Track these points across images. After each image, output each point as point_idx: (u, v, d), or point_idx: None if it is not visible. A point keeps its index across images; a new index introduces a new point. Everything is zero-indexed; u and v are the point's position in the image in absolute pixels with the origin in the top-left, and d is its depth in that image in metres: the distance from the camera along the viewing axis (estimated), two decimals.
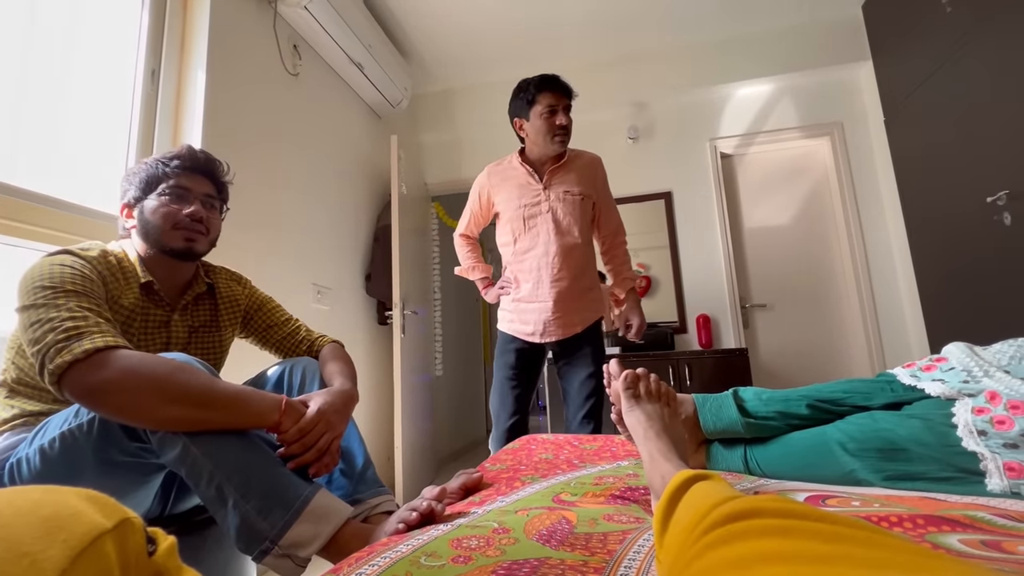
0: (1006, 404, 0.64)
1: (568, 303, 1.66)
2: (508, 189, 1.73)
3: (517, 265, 1.72)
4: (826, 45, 2.92)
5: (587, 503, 0.67)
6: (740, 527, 0.24)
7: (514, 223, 1.71)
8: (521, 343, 1.71)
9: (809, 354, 2.90)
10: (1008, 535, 0.49)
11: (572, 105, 1.67)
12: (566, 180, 1.69)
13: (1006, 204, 1.89)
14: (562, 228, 1.67)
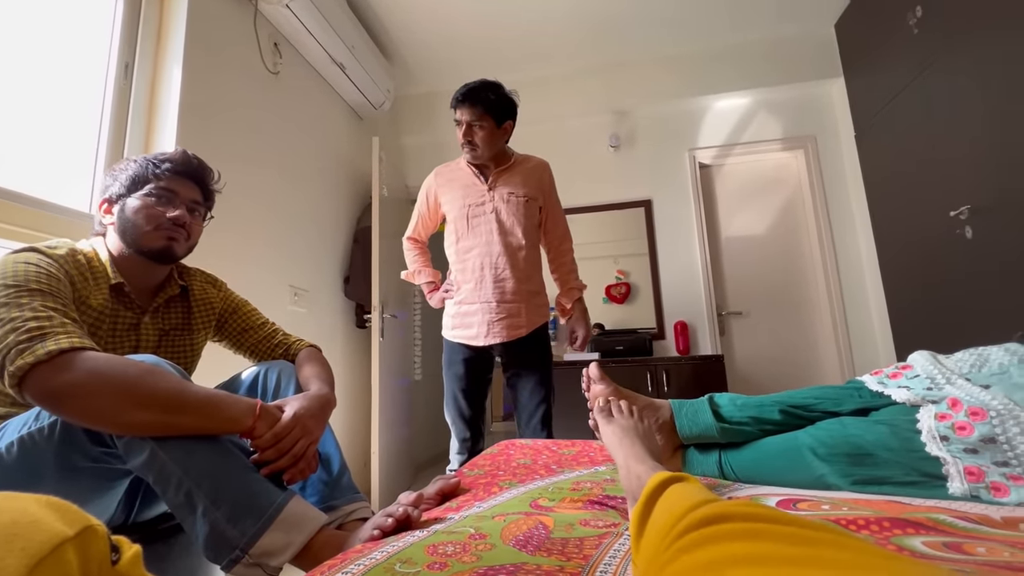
0: (967, 410, 0.67)
1: (513, 304, 1.66)
2: (454, 189, 1.73)
3: (460, 265, 1.71)
4: (801, 61, 3.01)
5: (564, 508, 0.67)
6: (712, 531, 0.24)
7: (458, 223, 1.71)
8: (468, 352, 1.70)
9: (782, 361, 2.97)
10: (968, 537, 0.51)
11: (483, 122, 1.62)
12: (511, 182, 1.70)
13: (968, 218, 1.98)
14: (505, 228, 1.67)
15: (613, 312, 3.16)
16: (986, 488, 0.63)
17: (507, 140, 1.75)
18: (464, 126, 1.65)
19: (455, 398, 1.73)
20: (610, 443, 0.75)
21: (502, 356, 1.74)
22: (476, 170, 1.74)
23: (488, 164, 1.73)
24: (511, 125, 1.72)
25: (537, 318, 1.73)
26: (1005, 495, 0.62)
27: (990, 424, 0.64)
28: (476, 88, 1.65)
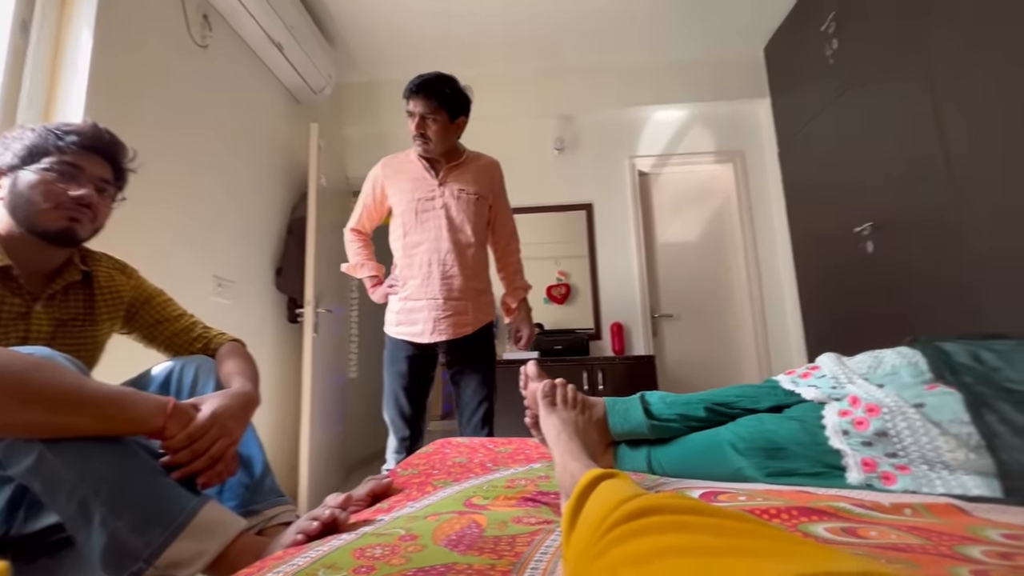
0: (864, 407, 0.74)
1: (460, 302, 1.64)
2: (402, 182, 1.69)
3: (406, 260, 1.68)
4: (734, 80, 3.21)
5: (498, 506, 0.67)
6: (641, 524, 0.25)
7: (405, 216, 1.67)
8: (411, 350, 1.66)
9: (708, 361, 3.15)
10: (862, 522, 0.56)
11: (434, 115, 1.59)
12: (462, 179, 1.68)
13: (870, 234, 2.19)
14: (455, 225, 1.65)
15: (553, 312, 3.22)
16: (878, 477, 0.70)
17: (459, 136, 1.73)
18: (417, 118, 1.61)
19: (396, 396, 1.69)
20: (549, 436, 0.77)
21: (446, 354, 1.71)
22: (427, 164, 1.70)
23: (439, 159, 1.70)
24: (464, 121, 1.71)
25: (483, 316, 1.73)
26: (893, 483, 0.69)
27: (883, 419, 0.71)
28: (431, 80, 1.61)
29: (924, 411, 0.70)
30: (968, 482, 0.66)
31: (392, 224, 1.76)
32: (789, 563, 0.18)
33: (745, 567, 0.18)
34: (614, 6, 2.80)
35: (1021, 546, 0.49)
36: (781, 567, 0.18)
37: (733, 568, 0.19)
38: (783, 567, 0.18)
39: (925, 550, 0.48)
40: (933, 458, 0.68)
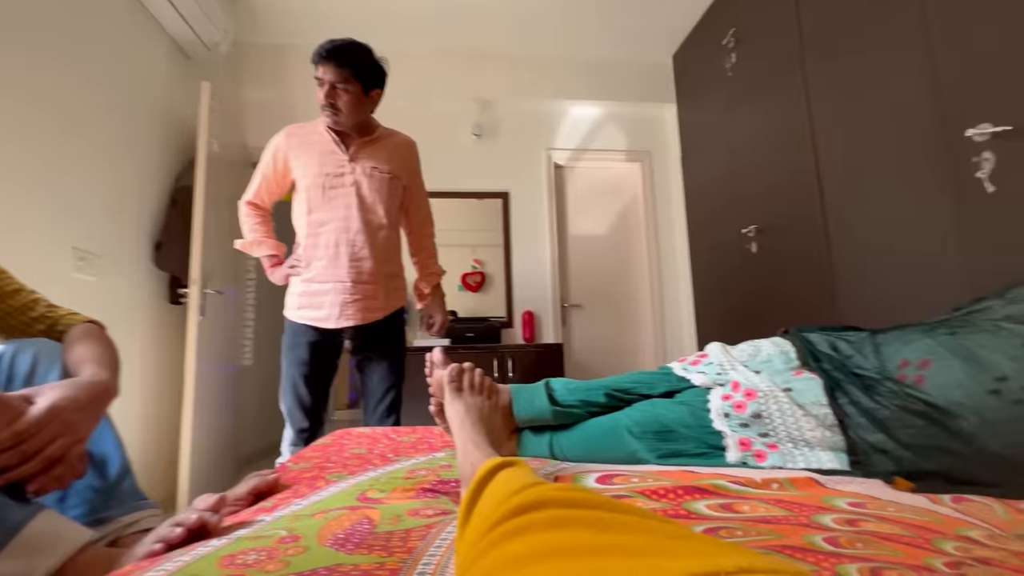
0: (743, 392, 0.80)
1: (370, 286, 1.57)
2: (309, 155, 1.57)
3: (312, 240, 1.56)
4: (645, 83, 3.37)
5: (395, 499, 0.64)
6: (524, 520, 0.24)
7: (311, 192, 1.55)
8: (314, 335, 1.56)
9: (612, 350, 3.32)
10: (737, 498, 0.61)
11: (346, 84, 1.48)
12: (375, 156, 1.60)
13: (754, 236, 2.42)
14: (367, 204, 1.57)
15: (467, 300, 3.20)
16: (752, 455, 0.77)
17: (373, 110, 1.63)
18: (327, 86, 1.49)
19: (295, 385, 1.57)
20: (453, 423, 0.75)
21: (353, 339, 1.63)
22: (336, 137, 1.58)
23: (350, 133, 1.59)
24: (379, 95, 1.61)
25: (394, 301, 1.66)
26: (764, 460, 0.76)
27: (759, 403, 0.78)
28: (344, 46, 1.49)
29: (792, 395, 0.78)
30: (823, 457, 0.74)
31: (295, 200, 1.63)
32: (671, 561, 0.18)
33: (625, 568, 0.18)
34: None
35: (862, 512, 0.55)
36: (662, 566, 0.17)
37: (612, 570, 0.18)
38: (664, 566, 0.17)
39: (788, 520, 0.53)
40: (797, 436, 0.76)
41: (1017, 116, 1.31)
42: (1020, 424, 0.65)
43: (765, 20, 2.33)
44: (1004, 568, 0.41)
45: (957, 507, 0.58)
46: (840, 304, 1.91)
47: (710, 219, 2.90)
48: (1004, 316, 0.78)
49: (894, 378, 0.75)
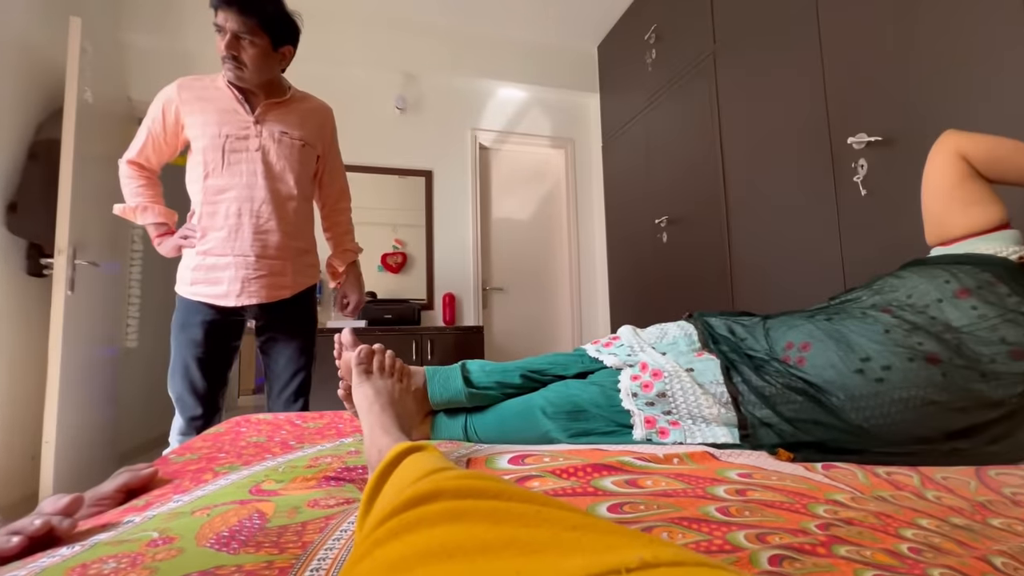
0: (651, 372, 0.84)
1: (276, 261, 1.45)
2: (206, 112, 1.40)
3: (208, 208, 1.41)
4: (572, 71, 3.40)
5: (293, 490, 0.59)
6: (414, 516, 0.22)
7: (209, 154, 1.40)
8: (211, 314, 1.43)
9: (531, 333, 3.38)
10: (641, 473, 0.64)
11: (252, 35, 1.33)
12: (286, 121, 1.47)
13: (665, 226, 2.55)
14: (274, 172, 1.44)
15: (387, 281, 3.09)
16: (656, 432, 0.81)
17: (283, 69, 1.48)
18: (228, 35, 1.32)
19: (186, 368, 1.42)
20: (360, 406, 0.71)
21: (257, 319, 1.50)
22: (239, 95, 1.42)
23: (256, 92, 1.44)
24: (291, 52, 1.46)
25: (304, 279, 1.54)
26: (667, 436, 0.80)
27: (664, 382, 0.82)
28: None
29: (693, 374, 0.83)
30: (719, 432, 0.80)
31: (189, 162, 1.45)
32: (569, 559, 0.17)
33: (518, 569, 0.17)
34: None
35: (750, 482, 0.60)
36: (559, 566, 0.16)
37: (504, 572, 0.17)
38: (561, 565, 0.16)
39: (686, 493, 0.56)
40: (696, 414, 0.81)
41: (886, 128, 1.48)
42: (878, 399, 0.74)
43: (683, 19, 2.44)
44: (863, 526, 0.46)
45: (827, 474, 0.65)
46: (737, 291, 2.07)
47: (626, 208, 3.02)
48: (871, 305, 0.88)
49: (780, 359, 0.82)
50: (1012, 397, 0.73)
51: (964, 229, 0.94)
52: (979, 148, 0.94)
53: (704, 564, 0.15)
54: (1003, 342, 0.75)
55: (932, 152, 1.01)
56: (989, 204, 0.94)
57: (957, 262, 0.88)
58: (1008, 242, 0.92)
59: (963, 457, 0.73)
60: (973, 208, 0.94)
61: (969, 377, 0.73)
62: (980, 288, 0.81)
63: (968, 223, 0.94)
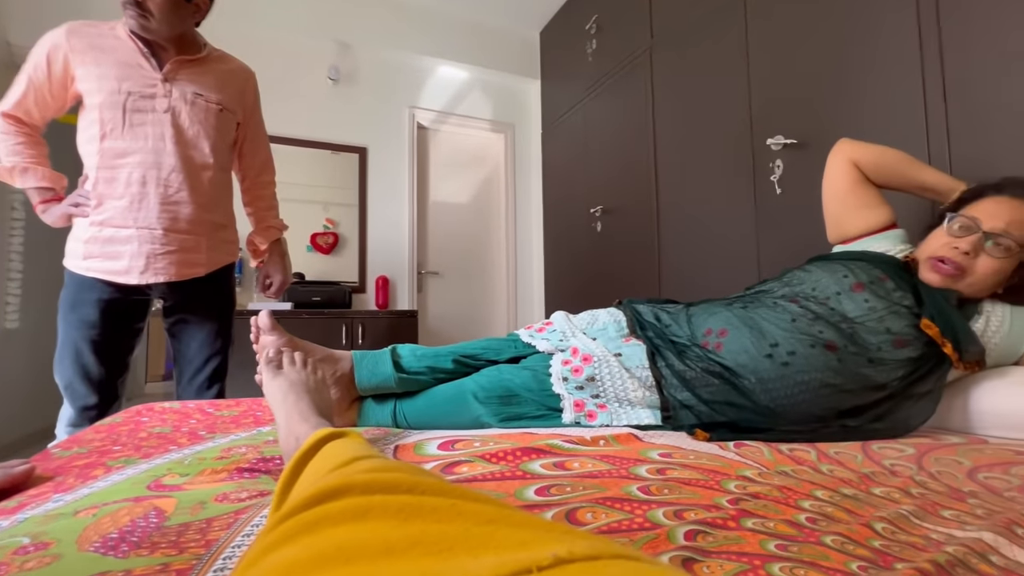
0: (581, 357, 0.86)
1: (188, 236, 1.33)
2: (102, 63, 1.24)
3: (106, 172, 1.26)
4: (514, 55, 3.37)
5: (199, 483, 0.55)
6: (316, 514, 0.20)
7: (107, 112, 1.24)
8: (107, 291, 1.28)
9: (466, 318, 3.36)
10: (569, 455, 0.65)
11: None
12: (201, 81, 1.33)
13: (600, 216, 2.62)
14: (186, 138, 1.31)
15: (317, 262, 2.94)
16: (584, 415, 0.83)
17: (196, 23, 1.33)
18: None
19: (77, 352, 1.27)
20: (273, 400, 0.66)
21: (165, 299, 1.36)
22: (143, 47, 1.26)
23: (166, 46, 1.28)
24: (206, 3, 1.31)
25: (221, 256, 1.42)
26: (595, 419, 0.82)
27: (593, 366, 0.84)
28: None
29: (621, 359, 0.86)
30: (643, 414, 0.83)
31: (82, 120, 1.28)
32: (479, 558, 0.16)
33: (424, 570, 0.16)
34: None
35: (669, 461, 0.63)
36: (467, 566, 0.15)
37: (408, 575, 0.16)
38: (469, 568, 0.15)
39: (610, 474, 0.57)
40: (623, 397, 0.84)
41: (800, 131, 1.60)
42: (784, 382, 0.80)
43: (623, 12, 2.48)
44: (768, 499, 0.50)
45: (738, 452, 0.70)
46: (664, 279, 2.17)
47: (564, 197, 3.06)
48: (781, 295, 0.95)
49: (700, 344, 0.87)
50: (893, 381, 0.82)
51: (859, 230, 1.05)
52: (867, 156, 1.05)
53: (620, 556, 0.15)
54: (888, 332, 0.84)
55: (829, 159, 1.11)
56: (879, 207, 1.05)
57: (854, 258, 0.97)
58: (896, 241, 1.03)
59: (852, 433, 0.81)
60: (865, 211, 1.05)
61: (859, 362, 0.81)
62: (872, 283, 0.90)
63: (862, 224, 1.05)
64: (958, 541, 0.41)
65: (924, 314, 0.85)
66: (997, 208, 0.88)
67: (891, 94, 1.37)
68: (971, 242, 0.87)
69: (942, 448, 0.74)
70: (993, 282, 0.89)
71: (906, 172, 1.03)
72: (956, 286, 0.89)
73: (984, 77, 1.19)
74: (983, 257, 0.88)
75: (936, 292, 0.88)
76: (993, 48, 1.17)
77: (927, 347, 0.83)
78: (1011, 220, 0.86)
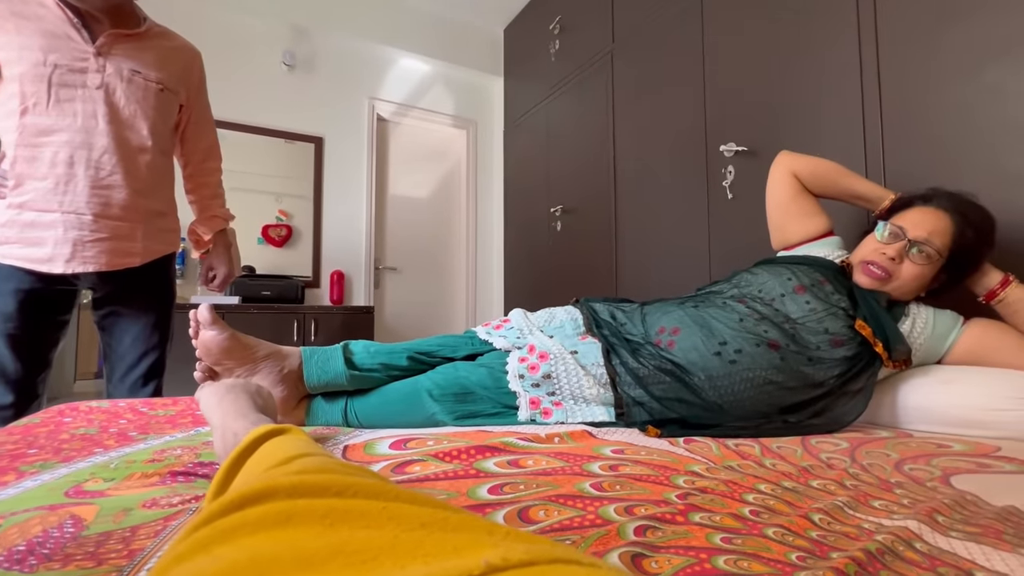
0: (538, 354, 0.85)
1: (122, 223, 1.24)
2: (24, 33, 1.14)
3: (27, 151, 1.16)
4: (478, 50, 3.34)
5: (126, 488, 0.51)
6: (234, 521, 0.18)
7: (28, 85, 1.14)
8: (26, 280, 1.18)
9: (424, 315, 3.31)
10: (523, 453, 0.64)
11: None
12: (139, 58, 1.24)
13: (560, 215, 2.64)
14: (120, 117, 1.22)
15: (269, 255, 2.82)
16: (540, 413, 0.83)
17: None
18: None
19: None
20: (208, 406, 0.62)
21: (95, 289, 1.27)
22: (74, 16, 1.16)
23: (99, 17, 1.19)
24: None
25: (159, 245, 1.33)
26: (550, 417, 0.83)
27: (550, 364, 0.84)
28: None
29: (576, 357, 0.86)
30: (598, 411, 0.84)
31: (1, 93, 1.17)
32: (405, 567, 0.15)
33: None
34: None
35: (622, 458, 0.64)
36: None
37: None
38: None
39: (564, 471, 0.57)
40: (578, 394, 0.84)
41: (751, 139, 1.66)
42: (731, 379, 0.83)
43: (586, 14, 2.51)
44: (715, 494, 0.51)
45: (687, 447, 0.71)
46: (620, 278, 2.22)
47: (525, 195, 3.07)
48: (730, 296, 0.98)
49: (653, 343, 0.89)
50: (830, 379, 0.86)
51: (799, 236, 1.11)
52: (805, 167, 1.11)
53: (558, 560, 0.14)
54: (826, 332, 0.89)
55: (771, 170, 1.17)
56: (817, 216, 1.11)
57: (797, 262, 1.02)
58: (834, 247, 1.09)
59: (792, 429, 0.85)
60: (805, 219, 1.11)
61: (800, 361, 0.85)
62: (813, 286, 0.95)
63: (802, 232, 1.11)
64: (887, 530, 0.43)
65: (858, 315, 0.90)
66: (922, 218, 0.95)
67: (834, 110, 1.45)
68: (897, 249, 0.94)
69: (872, 442, 0.78)
70: (916, 286, 0.96)
71: (839, 182, 1.09)
72: (884, 288, 0.95)
73: (916, 98, 1.28)
74: (907, 263, 0.94)
75: (868, 295, 0.93)
76: (924, 73, 1.26)
77: (860, 347, 0.88)
78: (933, 230, 0.93)
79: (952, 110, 1.20)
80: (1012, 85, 1.11)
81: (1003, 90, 1.13)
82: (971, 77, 1.17)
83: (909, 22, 1.29)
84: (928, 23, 1.25)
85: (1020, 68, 1.10)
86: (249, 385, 0.65)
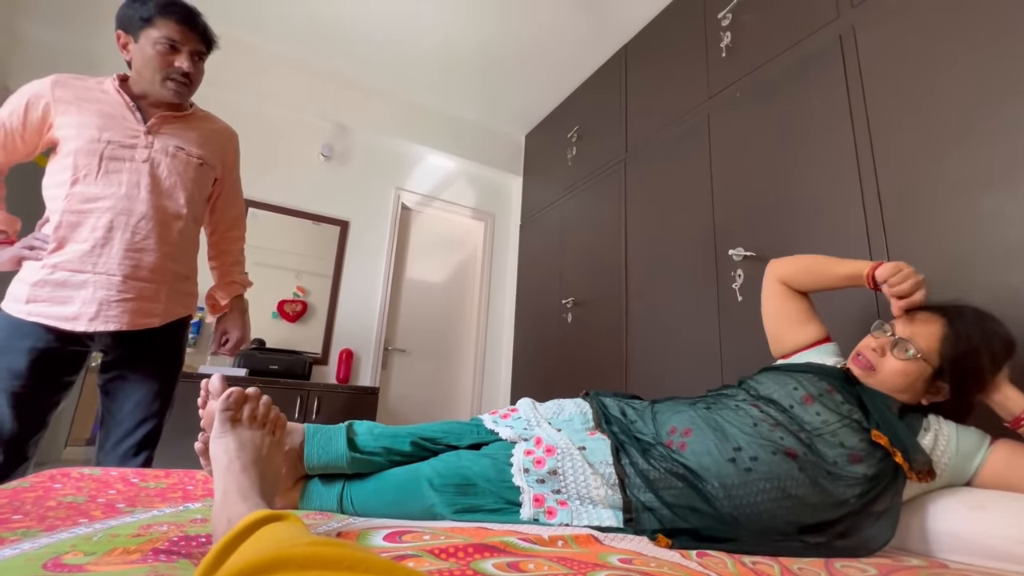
0: (544, 447, 0.83)
1: (149, 285, 1.29)
2: (86, 114, 1.27)
3: (72, 217, 1.23)
4: (499, 151, 3.62)
5: (106, 564, 0.48)
6: None
7: (83, 159, 1.25)
8: (44, 339, 1.20)
9: (429, 399, 3.25)
10: (524, 555, 0.60)
11: (206, 54, 1.37)
12: (184, 136, 1.37)
13: (571, 308, 2.67)
14: (162, 188, 1.32)
15: (281, 329, 2.85)
16: (544, 512, 0.78)
17: None
18: (184, 54, 1.29)
19: None
20: (218, 462, 0.60)
21: (107, 351, 1.28)
22: (130, 100, 1.31)
23: (153, 102, 1.35)
24: None
25: (178, 308, 1.36)
26: (554, 517, 0.78)
27: (556, 459, 0.81)
28: (196, 12, 1.31)
29: (585, 453, 0.83)
30: (604, 515, 0.79)
31: (54, 165, 1.28)
32: None
33: None
34: (418, 45, 2.86)
35: (629, 568, 0.59)
36: None
37: None
38: None
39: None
40: (584, 494, 0.80)
41: (758, 245, 1.72)
42: (747, 488, 0.79)
43: (602, 127, 2.73)
44: None
45: (700, 561, 0.66)
46: (630, 374, 2.18)
47: (537, 287, 3.14)
48: (742, 399, 0.96)
49: (664, 443, 0.86)
50: (852, 498, 0.81)
51: (795, 345, 1.10)
52: (789, 269, 1.14)
53: None
54: (843, 446, 0.84)
55: (763, 281, 1.19)
56: (810, 323, 1.11)
57: (799, 370, 0.99)
58: (830, 354, 1.07)
59: (816, 550, 0.78)
60: (798, 327, 1.11)
61: (818, 472, 0.81)
62: (820, 395, 0.91)
63: (797, 340, 1.10)
64: None
65: (871, 424, 0.87)
66: (915, 319, 0.95)
67: (834, 201, 1.52)
68: (881, 343, 0.94)
69: (904, 570, 0.72)
70: (900, 382, 0.91)
71: (822, 270, 1.10)
72: (868, 381, 0.93)
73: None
74: (889, 356, 0.93)
75: (878, 400, 0.90)
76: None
77: (881, 463, 0.84)
78: (919, 331, 0.92)
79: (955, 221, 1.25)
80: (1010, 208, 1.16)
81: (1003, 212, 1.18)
82: (971, 195, 1.24)
83: (904, 145, 1.39)
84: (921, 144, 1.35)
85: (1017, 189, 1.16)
86: (263, 445, 0.63)
